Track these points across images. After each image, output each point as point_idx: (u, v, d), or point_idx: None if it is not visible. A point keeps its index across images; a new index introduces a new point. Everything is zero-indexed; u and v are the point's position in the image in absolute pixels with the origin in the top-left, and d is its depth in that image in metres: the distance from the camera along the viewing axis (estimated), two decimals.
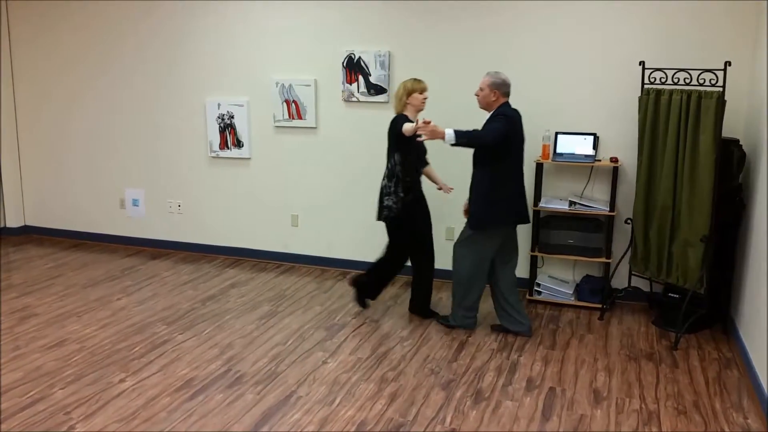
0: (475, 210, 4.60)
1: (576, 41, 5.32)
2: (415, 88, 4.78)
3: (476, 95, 4.61)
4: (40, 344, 4.53)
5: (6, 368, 4.15)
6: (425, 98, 4.82)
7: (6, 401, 3.75)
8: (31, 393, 3.84)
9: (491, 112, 4.54)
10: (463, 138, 4.31)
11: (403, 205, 4.76)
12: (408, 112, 4.81)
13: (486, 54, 5.53)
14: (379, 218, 4.87)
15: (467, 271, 4.71)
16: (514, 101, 5.60)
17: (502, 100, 4.55)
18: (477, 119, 5.08)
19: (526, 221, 4.72)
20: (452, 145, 4.34)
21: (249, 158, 6.41)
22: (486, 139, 4.38)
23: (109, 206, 7.05)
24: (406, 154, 4.74)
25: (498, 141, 4.38)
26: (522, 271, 5.67)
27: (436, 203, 5.24)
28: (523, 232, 5.62)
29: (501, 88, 4.53)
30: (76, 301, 5.35)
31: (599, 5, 5.21)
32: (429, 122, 4.29)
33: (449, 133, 4.28)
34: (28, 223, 7.45)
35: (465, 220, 4.77)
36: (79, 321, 4.94)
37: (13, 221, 7.34)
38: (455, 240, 4.88)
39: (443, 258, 5.54)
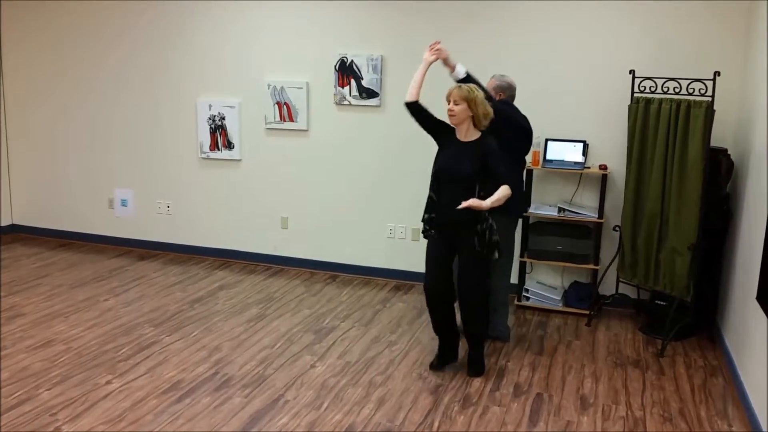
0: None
1: (567, 49, 5.35)
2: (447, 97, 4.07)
3: None
4: (27, 344, 4.50)
5: None
6: (449, 109, 4.00)
7: None
8: (17, 394, 3.82)
9: None
10: (471, 76, 4.25)
11: (431, 225, 4.16)
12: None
13: (478, 60, 5.55)
14: None
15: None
16: None
17: None
18: None
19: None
20: (458, 81, 4.20)
21: (240, 160, 6.40)
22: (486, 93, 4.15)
23: (98, 206, 7.01)
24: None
25: (494, 104, 4.13)
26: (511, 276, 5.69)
27: None
28: None
29: (506, 91, 4.53)
30: (64, 302, 5.32)
31: (591, 13, 5.25)
32: (437, 42, 4.21)
33: (460, 68, 4.23)
34: (15, 222, 7.40)
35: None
36: (66, 321, 4.92)
37: (0, 220, 7.29)
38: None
39: None
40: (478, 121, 3.99)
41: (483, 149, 3.97)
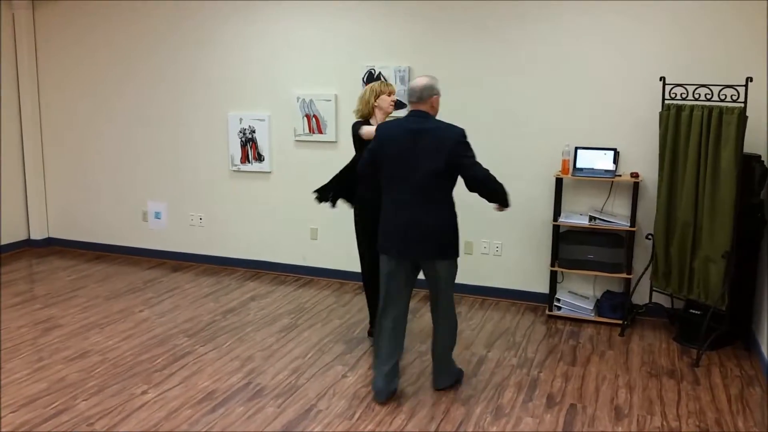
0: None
1: (597, 56, 5.32)
2: (383, 90, 4.64)
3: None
4: (64, 355, 4.58)
5: (30, 379, 4.21)
6: (393, 101, 4.66)
7: (30, 412, 3.80)
8: (55, 404, 3.89)
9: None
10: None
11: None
12: (376, 116, 4.65)
13: (506, 69, 5.55)
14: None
15: None
16: (535, 116, 5.63)
17: None
18: (496, 136, 5.11)
19: None
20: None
21: (270, 172, 6.46)
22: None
23: (132, 219, 7.13)
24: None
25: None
26: (541, 286, 5.67)
27: None
28: (542, 247, 5.62)
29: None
30: (99, 313, 5.42)
31: (621, 21, 5.22)
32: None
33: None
34: (51, 235, 7.55)
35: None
36: (101, 333, 5.00)
37: (37, 233, 7.44)
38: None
39: None
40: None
41: None
